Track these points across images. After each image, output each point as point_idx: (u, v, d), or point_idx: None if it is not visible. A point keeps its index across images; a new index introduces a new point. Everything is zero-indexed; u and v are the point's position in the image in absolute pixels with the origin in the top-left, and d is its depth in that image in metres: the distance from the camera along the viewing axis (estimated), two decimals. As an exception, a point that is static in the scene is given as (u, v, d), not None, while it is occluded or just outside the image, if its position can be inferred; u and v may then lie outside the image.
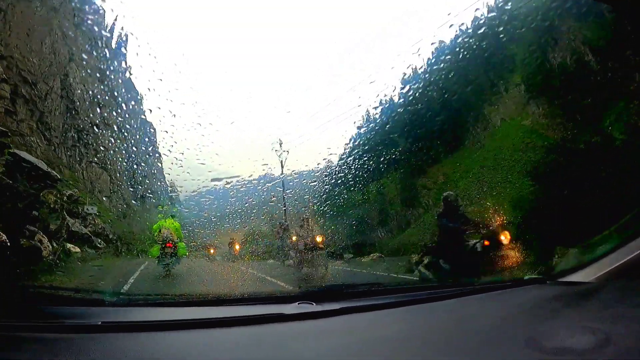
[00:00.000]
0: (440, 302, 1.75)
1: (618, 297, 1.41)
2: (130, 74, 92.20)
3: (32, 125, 43.76)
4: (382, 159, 59.93)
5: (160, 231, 9.30)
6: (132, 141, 78.04)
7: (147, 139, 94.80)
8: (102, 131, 56.93)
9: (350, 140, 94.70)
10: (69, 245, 14.60)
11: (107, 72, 70.66)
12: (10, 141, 39.82)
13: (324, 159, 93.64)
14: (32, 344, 1.09)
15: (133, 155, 72.51)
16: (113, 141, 60.25)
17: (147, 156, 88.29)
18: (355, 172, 66.42)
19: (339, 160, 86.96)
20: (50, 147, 45.20)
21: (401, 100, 78.91)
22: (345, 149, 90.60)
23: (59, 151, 46.23)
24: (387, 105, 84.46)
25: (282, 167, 29.73)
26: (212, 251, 23.06)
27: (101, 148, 53.91)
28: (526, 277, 1.97)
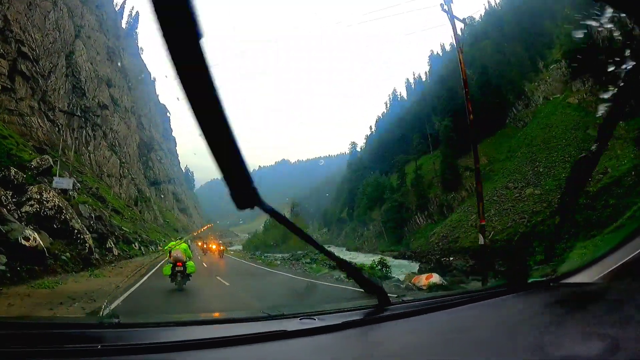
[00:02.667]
0: (443, 311, 1.69)
1: (624, 298, 1.33)
2: (142, 52, 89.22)
3: (33, 105, 40.10)
4: (415, 139, 56.18)
5: (171, 253, 10.38)
6: (145, 123, 74.71)
7: (160, 122, 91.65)
8: (112, 112, 53.63)
9: (378, 120, 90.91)
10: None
11: (117, 52, 67.14)
12: (7, 120, 36.62)
13: (351, 142, 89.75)
14: None
15: (145, 139, 69.06)
16: (123, 123, 57.00)
17: (161, 139, 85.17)
18: (384, 153, 62.02)
19: (367, 140, 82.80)
20: (54, 128, 41.63)
21: (430, 79, 74.62)
22: (373, 129, 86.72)
23: (63, 133, 42.60)
24: (417, 83, 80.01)
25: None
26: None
27: (110, 130, 50.58)
28: (530, 281, 1.86)
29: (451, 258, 24.07)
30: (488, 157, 43.11)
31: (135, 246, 21.29)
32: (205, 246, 35.97)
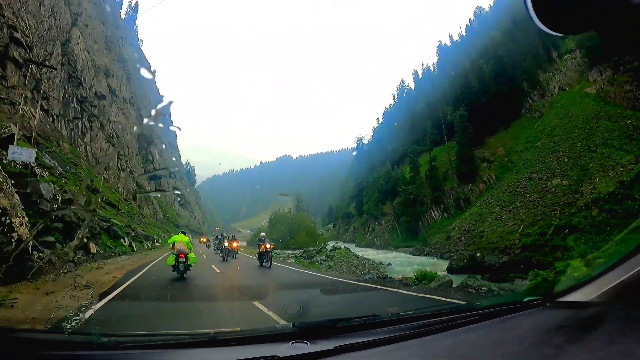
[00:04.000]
0: (439, 334, 1.66)
1: (623, 328, 1.28)
2: (142, 44, 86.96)
3: (26, 93, 38.12)
4: (429, 129, 54.15)
5: (174, 245, 11.01)
6: (144, 115, 72.32)
7: (161, 114, 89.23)
8: (110, 103, 51.48)
9: (385, 111, 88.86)
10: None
11: (116, 41, 64.92)
12: (-4, 109, 34.52)
13: (358, 135, 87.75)
14: None
15: (145, 131, 66.71)
16: (122, 114, 54.79)
17: (161, 132, 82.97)
18: (394, 145, 59.91)
19: (375, 132, 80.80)
20: (48, 118, 39.56)
21: (439, 70, 72.52)
22: (380, 121, 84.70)
23: (58, 123, 40.53)
24: (426, 74, 77.76)
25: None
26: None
27: (108, 121, 48.44)
28: (525, 299, 1.89)
29: (478, 254, 22.11)
30: (505, 148, 41.68)
31: (125, 242, 18.23)
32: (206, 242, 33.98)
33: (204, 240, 42.29)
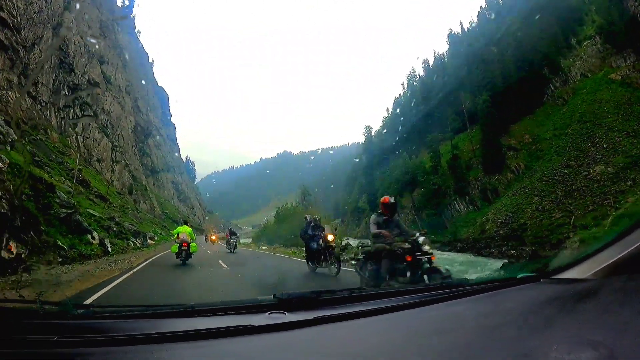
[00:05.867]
0: (427, 306, 1.62)
1: (620, 300, 1.25)
2: (139, 34, 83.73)
3: (11, 78, 35.08)
4: (450, 116, 51.37)
5: (178, 235, 12.20)
6: (141, 106, 69.03)
7: (159, 106, 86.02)
8: (104, 91, 48.36)
9: (396, 101, 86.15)
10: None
11: (112, 28, 61.76)
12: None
13: (366, 126, 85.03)
14: None
15: (142, 123, 63.31)
16: (117, 103, 51.46)
17: (159, 124, 79.65)
18: (408, 134, 57.01)
19: (385, 122, 78.04)
20: (36, 105, 36.52)
21: (450, 58, 69.82)
22: (390, 111, 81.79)
23: (47, 111, 37.54)
24: (437, 61, 74.85)
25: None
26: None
27: (102, 110, 45.33)
28: (519, 276, 1.82)
29: (524, 248, 19.45)
30: (531, 135, 39.42)
31: (93, 239, 12.89)
32: (214, 237, 30.53)
33: (214, 238, 32.83)
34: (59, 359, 1.07)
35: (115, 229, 17.17)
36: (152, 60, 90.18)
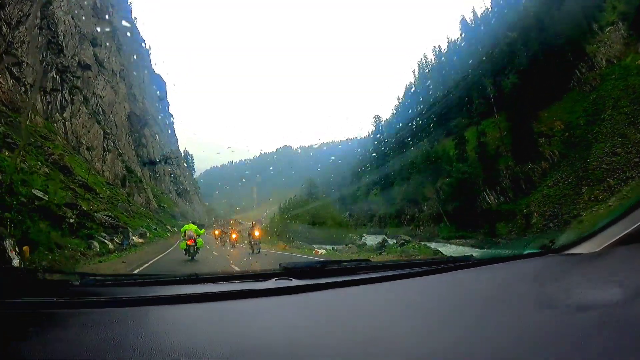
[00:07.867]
0: (432, 275, 1.64)
1: (630, 267, 1.21)
2: (136, 21, 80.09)
3: (-9, 56, 31.87)
4: (476, 100, 48.51)
5: (185, 232, 12.64)
6: (137, 94, 65.32)
7: (157, 92, 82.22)
8: (96, 74, 44.95)
9: (407, 88, 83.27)
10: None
11: (105, 8, 58.35)
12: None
13: (375, 115, 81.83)
14: None
15: (138, 112, 59.62)
16: (110, 87, 47.90)
17: (156, 113, 76.10)
18: (425, 121, 53.94)
19: (397, 109, 75.02)
20: (19, 87, 33.25)
21: (465, 43, 66.94)
22: (400, 99, 78.94)
23: (31, 94, 34.24)
24: (451, 47, 71.88)
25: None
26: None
27: (93, 94, 41.95)
28: (525, 252, 1.82)
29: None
30: (563, 121, 37.38)
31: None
32: (225, 235, 25.92)
33: (234, 236, 27.05)
34: (58, 318, 1.05)
35: (72, 220, 13.34)
36: (149, 47, 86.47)
